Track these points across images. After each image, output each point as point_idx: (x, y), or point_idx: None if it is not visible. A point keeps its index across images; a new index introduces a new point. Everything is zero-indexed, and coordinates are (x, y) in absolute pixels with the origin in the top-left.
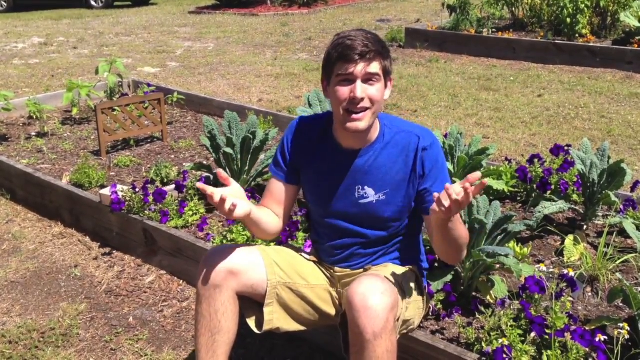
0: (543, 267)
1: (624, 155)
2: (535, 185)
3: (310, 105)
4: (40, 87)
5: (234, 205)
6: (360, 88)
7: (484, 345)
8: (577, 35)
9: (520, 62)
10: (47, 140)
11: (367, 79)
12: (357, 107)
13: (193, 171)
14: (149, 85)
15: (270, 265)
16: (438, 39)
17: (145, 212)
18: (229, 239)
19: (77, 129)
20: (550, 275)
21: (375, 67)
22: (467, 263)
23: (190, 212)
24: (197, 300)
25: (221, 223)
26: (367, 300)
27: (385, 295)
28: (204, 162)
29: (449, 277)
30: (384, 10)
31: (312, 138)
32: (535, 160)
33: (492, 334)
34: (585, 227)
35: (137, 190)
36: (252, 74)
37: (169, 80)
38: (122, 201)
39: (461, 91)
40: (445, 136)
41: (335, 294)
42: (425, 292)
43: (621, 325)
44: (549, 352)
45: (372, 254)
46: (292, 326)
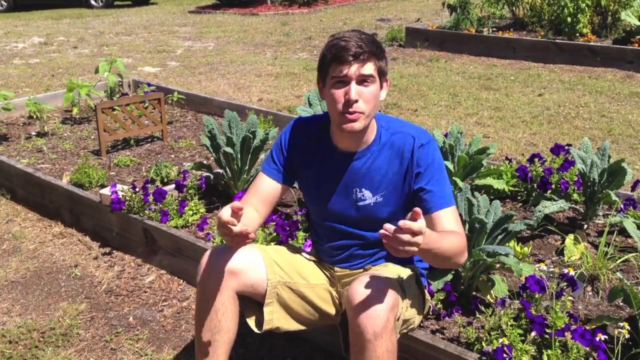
0: (543, 266)
1: (624, 154)
2: (535, 185)
3: (310, 105)
4: (40, 86)
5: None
6: (354, 90)
7: (484, 344)
8: (578, 34)
9: (521, 62)
10: (47, 140)
11: (362, 80)
12: (352, 109)
13: (193, 171)
14: (149, 84)
15: (270, 264)
16: (438, 38)
17: (145, 211)
18: None
19: (77, 129)
20: (551, 275)
21: (369, 68)
22: (467, 262)
23: (190, 212)
24: (197, 299)
25: None
26: (368, 300)
27: (386, 295)
28: (204, 162)
29: (449, 277)
30: (384, 10)
31: (310, 140)
32: (536, 159)
33: (492, 333)
34: (585, 226)
35: (137, 189)
36: (252, 74)
37: (169, 79)
38: (122, 201)
39: (461, 90)
40: (446, 135)
41: (335, 294)
42: (426, 291)
43: (621, 324)
44: (549, 352)
45: (372, 254)
46: (292, 326)
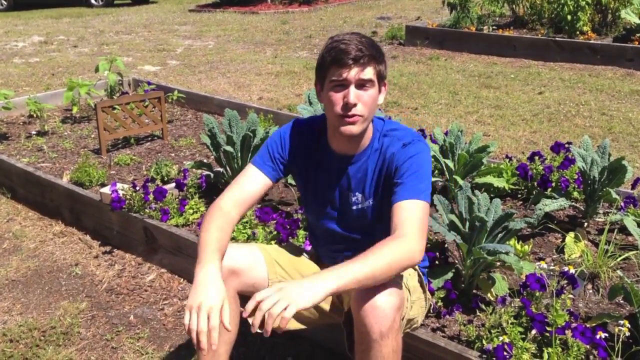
0: (544, 264)
1: (624, 152)
2: (535, 183)
3: (310, 103)
4: (40, 85)
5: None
6: (353, 94)
7: (484, 342)
8: (578, 32)
9: (521, 60)
10: (48, 139)
11: (361, 84)
12: (350, 112)
13: (193, 169)
14: (149, 83)
15: (271, 264)
16: (438, 37)
17: (146, 210)
18: None
19: (78, 128)
20: (551, 273)
21: (369, 72)
22: (468, 261)
23: (191, 211)
24: None
25: None
26: (375, 300)
27: (392, 295)
28: (204, 160)
29: (449, 275)
30: (384, 8)
31: (307, 143)
32: (536, 157)
33: (492, 331)
34: (586, 224)
35: (138, 188)
36: (252, 72)
37: (169, 78)
38: (123, 199)
39: (462, 89)
40: (446, 134)
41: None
42: (427, 289)
43: (622, 322)
44: (550, 350)
45: None
46: (293, 325)
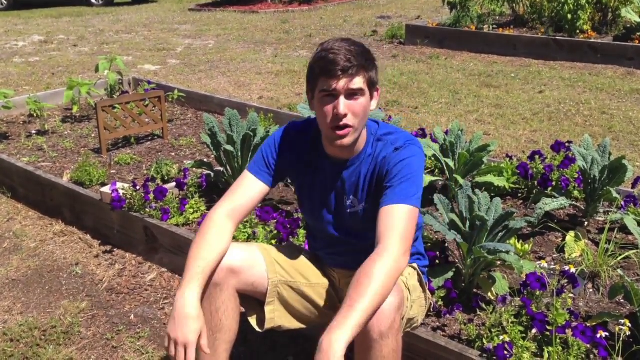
0: (544, 263)
1: (625, 151)
2: (536, 182)
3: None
4: (40, 85)
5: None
6: (343, 104)
7: (485, 341)
8: (578, 31)
9: (521, 59)
10: (48, 138)
11: (351, 94)
12: (341, 123)
13: (194, 169)
14: (149, 82)
15: (271, 263)
16: (438, 36)
17: (146, 209)
18: None
19: (78, 127)
20: (552, 272)
21: (358, 82)
22: (469, 260)
23: (191, 210)
24: None
25: None
26: None
27: (392, 295)
28: (205, 160)
29: (450, 274)
30: (385, 7)
31: (302, 147)
32: (536, 156)
33: (493, 330)
34: (586, 223)
35: (138, 188)
36: (252, 72)
37: (169, 77)
38: (123, 199)
39: (462, 88)
40: (446, 133)
41: (336, 293)
42: (427, 288)
43: (622, 321)
44: (550, 349)
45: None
46: (294, 324)
